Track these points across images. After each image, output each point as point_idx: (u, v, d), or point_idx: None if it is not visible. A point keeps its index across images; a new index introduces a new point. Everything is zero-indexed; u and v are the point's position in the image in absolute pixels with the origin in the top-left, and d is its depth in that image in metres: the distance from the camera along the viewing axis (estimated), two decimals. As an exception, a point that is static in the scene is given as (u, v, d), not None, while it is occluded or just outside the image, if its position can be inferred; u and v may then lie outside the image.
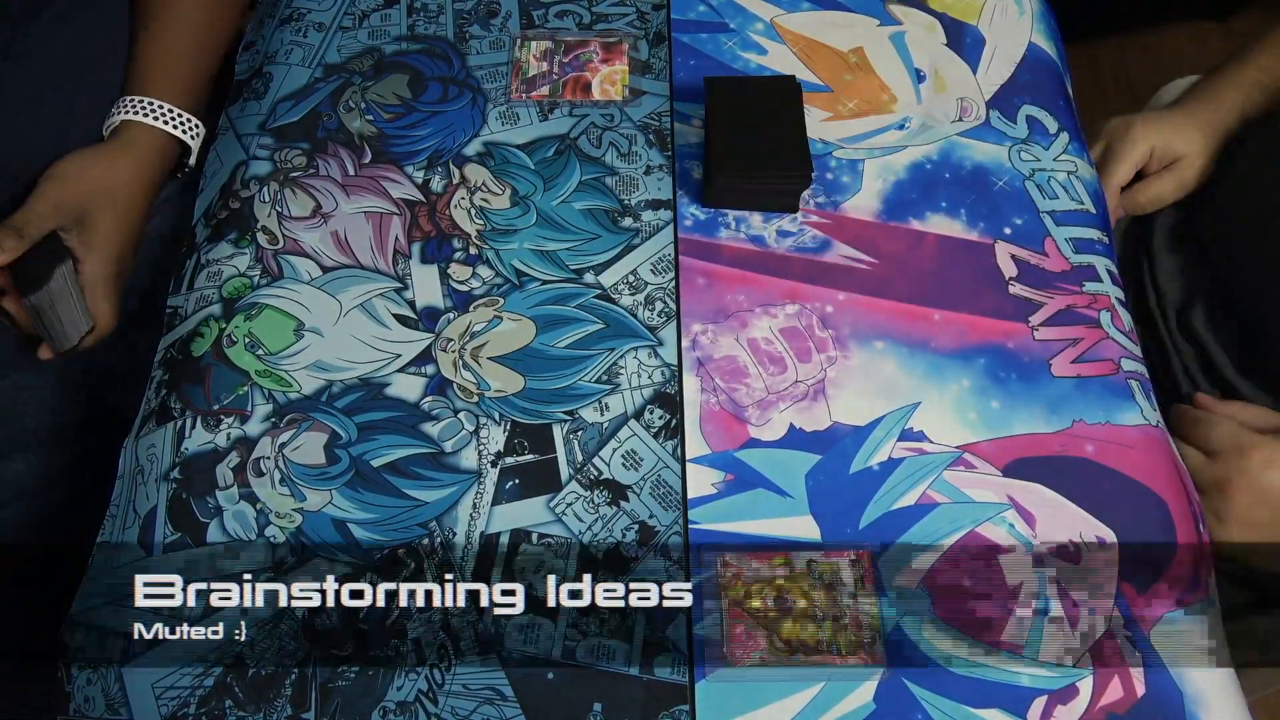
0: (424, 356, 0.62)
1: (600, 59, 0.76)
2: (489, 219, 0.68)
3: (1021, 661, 0.52)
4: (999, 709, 0.51)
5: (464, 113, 0.73)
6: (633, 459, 0.58)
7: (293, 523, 0.56)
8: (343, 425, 0.59)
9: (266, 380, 0.61)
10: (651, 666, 0.52)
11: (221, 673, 0.52)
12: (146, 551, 0.56)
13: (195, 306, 0.65)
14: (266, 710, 0.51)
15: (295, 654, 0.53)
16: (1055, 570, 0.55)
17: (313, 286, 0.65)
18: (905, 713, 0.51)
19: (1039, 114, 0.73)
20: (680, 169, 0.70)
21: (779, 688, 0.51)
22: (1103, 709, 0.51)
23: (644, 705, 0.51)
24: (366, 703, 0.51)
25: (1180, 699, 0.51)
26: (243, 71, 0.77)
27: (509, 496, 0.57)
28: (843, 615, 0.53)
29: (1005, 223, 0.68)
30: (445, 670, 0.52)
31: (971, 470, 0.58)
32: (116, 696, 0.52)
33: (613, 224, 0.68)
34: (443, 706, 0.51)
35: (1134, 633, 0.53)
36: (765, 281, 0.65)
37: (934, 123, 0.72)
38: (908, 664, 0.52)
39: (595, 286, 0.65)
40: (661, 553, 0.55)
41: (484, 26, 0.78)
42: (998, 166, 0.70)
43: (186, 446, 0.59)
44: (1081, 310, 0.64)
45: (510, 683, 0.52)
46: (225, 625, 0.53)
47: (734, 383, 0.61)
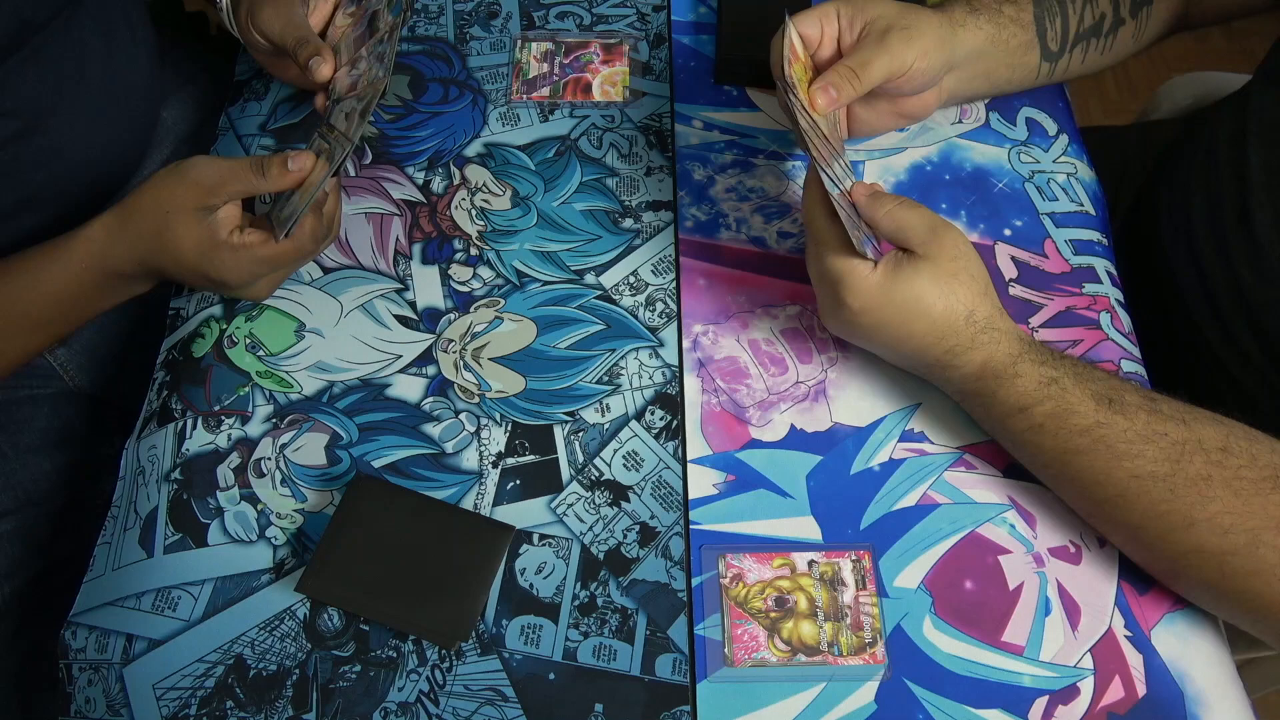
0: (425, 357, 0.62)
1: (601, 60, 0.76)
2: (490, 220, 0.68)
3: (1022, 662, 0.52)
4: (1000, 709, 0.51)
5: (465, 114, 0.73)
6: (634, 460, 0.58)
7: (294, 523, 0.56)
8: (344, 426, 0.59)
9: (267, 381, 0.61)
10: (653, 667, 0.52)
11: (223, 673, 0.52)
12: (147, 552, 0.56)
13: (196, 307, 0.65)
14: (267, 711, 0.51)
15: (296, 654, 0.53)
16: (1056, 570, 0.55)
17: (313, 287, 0.65)
18: (906, 713, 0.51)
19: (1038, 116, 0.73)
20: (681, 170, 0.70)
21: (780, 688, 0.51)
22: (1104, 709, 0.51)
23: (645, 706, 0.51)
24: (368, 703, 0.51)
25: (1181, 698, 0.51)
26: (243, 72, 0.77)
27: (510, 497, 0.57)
28: (844, 616, 0.53)
29: (1005, 224, 0.68)
30: (446, 671, 0.52)
31: (972, 471, 0.58)
32: (117, 697, 0.52)
33: (613, 225, 0.68)
34: (444, 707, 0.51)
35: (1134, 633, 0.53)
36: (766, 282, 0.65)
37: (934, 124, 0.72)
38: (909, 665, 0.52)
39: (596, 287, 0.65)
40: (663, 553, 0.55)
41: (484, 28, 0.78)
42: (997, 168, 0.70)
43: (187, 448, 0.59)
44: (1081, 312, 0.64)
45: (511, 683, 0.52)
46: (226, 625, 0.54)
47: (735, 383, 0.61)
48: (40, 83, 0.63)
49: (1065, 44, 0.67)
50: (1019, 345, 0.53)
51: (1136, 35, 0.70)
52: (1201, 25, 0.73)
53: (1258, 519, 0.47)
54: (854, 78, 0.58)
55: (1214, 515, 0.48)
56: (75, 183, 0.67)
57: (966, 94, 0.68)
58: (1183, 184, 0.73)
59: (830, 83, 0.57)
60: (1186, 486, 0.49)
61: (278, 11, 0.64)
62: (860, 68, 0.58)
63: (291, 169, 0.57)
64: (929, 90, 0.64)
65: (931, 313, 0.53)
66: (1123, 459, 0.50)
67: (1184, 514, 0.49)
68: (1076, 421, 0.51)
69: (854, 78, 0.58)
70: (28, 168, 0.64)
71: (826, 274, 0.55)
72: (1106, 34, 0.68)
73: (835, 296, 0.55)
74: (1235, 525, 0.48)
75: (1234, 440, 0.50)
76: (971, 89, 0.67)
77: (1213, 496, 0.48)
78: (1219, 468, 0.49)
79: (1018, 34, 0.65)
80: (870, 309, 0.54)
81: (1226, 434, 0.50)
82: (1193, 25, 0.73)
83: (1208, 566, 0.49)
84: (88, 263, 0.58)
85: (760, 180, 0.70)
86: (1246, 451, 0.49)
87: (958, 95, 0.67)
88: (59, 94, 0.64)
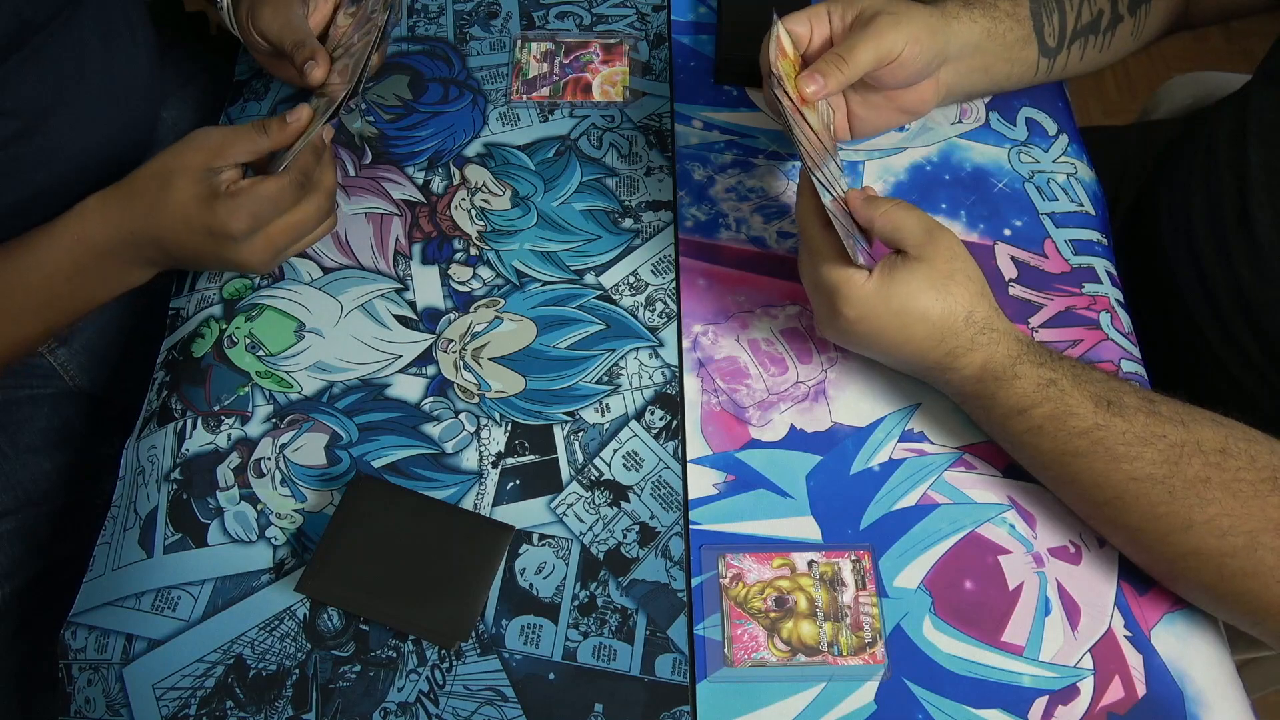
0: (425, 357, 0.62)
1: (600, 60, 0.76)
2: (489, 220, 0.68)
3: (1022, 662, 0.52)
4: (1000, 709, 0.51)
5: (464, 114, 0.73)
6: (633, 460, 0.58)
7: (294, 523, 0.56)
8: (343, 426, 0.59)
9: (267, 381, 0.61)
10: (653, 667, 0.52)
11: (223, 673, 0.52)
12: (147, 552, 0.56)
13: (196, 307, 0.65)
14: (267, 711, 0.51)
15: (296, 654, 0.53)
16: (1055, 570, 0.55)
17: (313, 287, 0.65)
18: (906, 713, 0.51)
19: (1038, 116, 0.73)
20: (681, 170, 0.70)
21: (780, 688, 0.51)
22: (1104, 709, 0.51)
23: (645, 706, 0.51)
24: (367, 703, 0.51)
25: (1181, 698, 0.51)
26: (243, 72, 0.77)
27: (510, 497, 0.57)
28: (844, 616, 0.53)
29: (1005, 224, 0.68)
30: (446, 671, 0.52)
31: (972, 471, 0.58)
32: (117, 697, 0.52)
33: (613, 225, 0.68)
34: (444, 707, 0.51)
35: (1134, 633, 0.53)
36: (766, 282, 0.65)
37: (934, 124, 0.72)
38: (909, 665, 0.52)
39: (596, 287, 0.65)
40: (662, 553, 0.55)
41: (484, 28, 0.78)
42: (997, 168, 0.70)
43: (187, 447, 0.59)
44: (1081, 312, 0.64)
45: (511, 683, 0.52)
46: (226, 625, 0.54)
47: (735, 383, 0.61)
48: (40, 83, 0.63)
49: (1063, 40, 0.67)
50: (1018, 346, 0.53)
51: (1135, 33, 0.70)
52: (1201, 25, 0.73)
53: (1256, 521, 0.47)
54: (841, 63, 0.57)
55: (1212, 517, 0.48)
56: (75, 183, 0.67)
57: (965, 89, 0.67)
58: (1183, 184, 0.73)
59: (818, 70, 0.57)
60: (1185, 489, 0.49)
61: (277, 12, 0.65)
62: (847, 52, 0.57)
63: (290, 121, 0.59)
64: (926, 83, 0.63)
65: (930, 315, 0.53)
66: (1121, 461, 0.50)
67: (1182, 516, 0.49)
68: (1075, 423, 0.51)
69: (841, 63, 0.57)
70: (28, 168, 0.64)
71: (821, 284, 0.55)
72: (1105, 30, 0.68)
73: (831, 306, 0.55)
74: (1234, 527, 0.48)
75: (1233, 442, 0.49)
76: (970, 84, 0.67)
77: (1211, 499, 0.48)
78: (1217, 470, 0.49)
79: (1014, 28, 0.65)
80: (867, 317, 0.53)
81: (1225, 435, 0.50)
82: (1192, 25, 0.73)
83: (1206, 568, 0.49)
84: (80, 235, 0.58)
85: (760, 180, 0.70)
86: (1245, 453, 0.49)
87: (956, 90, 0.67)
88: (59, 94, 0.64)
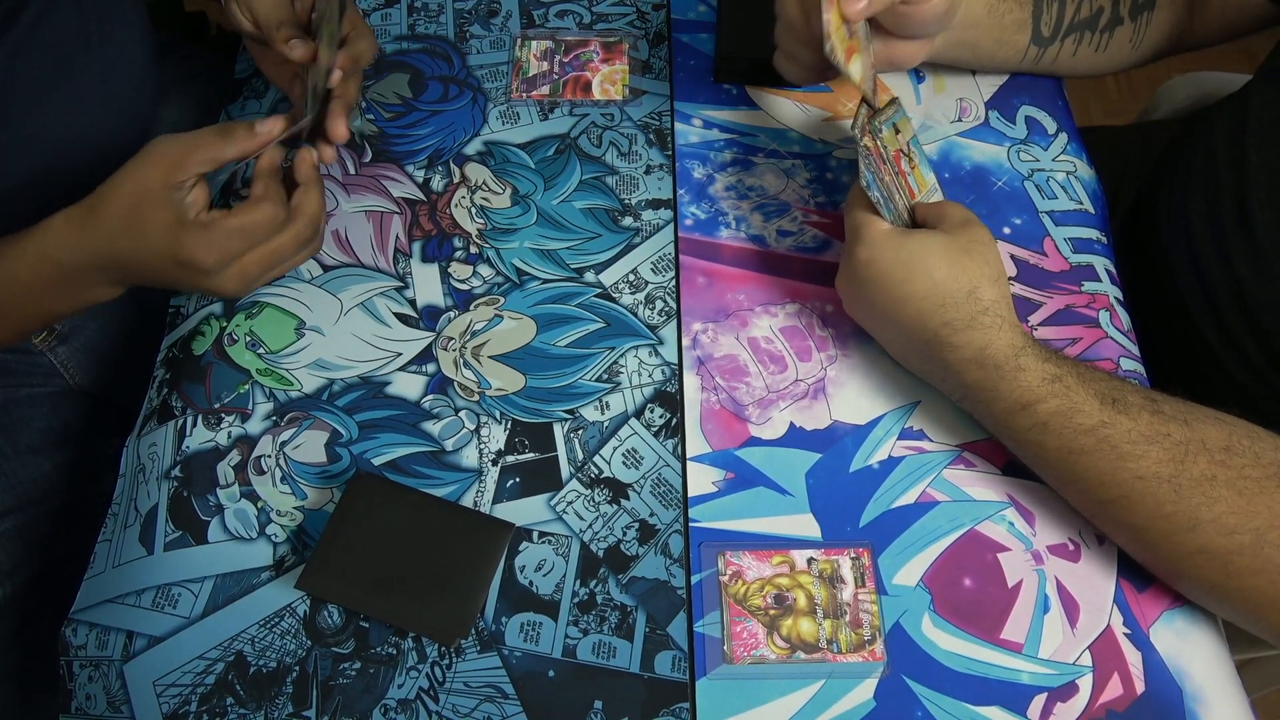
0: (425, 355, 0.62)
1: (600, 58, 0.76)
2: (489, 218, 0.68)
3: (1021, 659, 0.52)
4: (999, 706, 0.51)
5: (464, 112, 0.73)
6: (633, 457, 0.59)
7: (294, 521, 0.56)
8: (343, 423, 0.60)
9: (267, 379, 0.61)
10: (652, 664, 0.52)
11: (223, 670, 0.52)
12: (148, 550, 0.56)
13: (196, 305, 0.65)
14: (267, 707, 0.51)
15: (296, 651, 0.53)
16: (1054, 568, 0.55)
17: (313, 285, 0.65)
18: (905, 710, 0.51)
19: (1038, 114, 0.73)
20: (681, 168, 0.70)
21: (779, 686, 0.51)
22: (1103, 706, 0.51)
23: (644, 703, 0.51)
24: (367, 700, 0.51)
25: (1180, 696, 0.51)
26: (243, 70, 0.77)
27: (509, 495, 0.57)
28: (843, 613, 0.53)
29: (1004, 223, 0.68)
30: (446, 668, 0.52)
31: (971, 469, 0.58)
32: (118, 694, 0.52)
33: (613, 223, 0.68)
34: (444, 704, 0.51)
35: (1133, 630, 0.53)
36: (765, 280, 0.65)
37: (933, 123, 0.72)
38: (908, 662, 0.52)
39: (596, 285, 0.65)
40: (662, 551, 0.55)
41: (484, 26, 0.78)
42: (997, 167, 0.70)
43: (188, 445, 0.59)
44: (1080, 310, 0.64)
45: (511, 680, 0.52)
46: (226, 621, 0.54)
47: (734, 381, 0.61)
48: (20, 70, 0.62)
49: (1058, 31, 0.67)
50: (1021, 339, 0.53)
51: (1135, 41, 0.70)
52: (1203, 44, 0.73)
53: (1262, 518, 0.47)
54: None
55: (1219, 515, 0.48)
56: (65, 172, 0.67)
57: (948, 59, 0.70)
58: (1182, 184, 0.73)
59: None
60: (1191, 487, 0.49)
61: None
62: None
63: (259, 131, 0.57)
64: (923, 41, 0.63)
65: (934, 274, 0.53)
66: (1127, 459, 0.50)
67: (1189, 515, 0.49)
68: (1081, 421, 0.51)
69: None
70: (8, 154, 0.63)
71: (849, 228, 0.57)
72: (1102, 30, 0.68)
73: (849, 250, 0.57)
74: (1240, 525, 0.48)
75: (1237, 439, 0.49)
76: (954, 55, 0.69)
77: (1217, 497, 0.48)
78: (1223, 467, 0.49)
79: (1014, 10, 0.66)
80: (875, 260, 0.55)
81: (1229, 433, 0.50)
82: (1194, 44, 0.73)
83: (1212, 567, 0.49)
84: (42, 252, 0.57)
85: (760, 178, 0.70)
86: (1250, 450, 0.49)
87: (939, 58, 0.69)
88: (37, 82, 0.64)
